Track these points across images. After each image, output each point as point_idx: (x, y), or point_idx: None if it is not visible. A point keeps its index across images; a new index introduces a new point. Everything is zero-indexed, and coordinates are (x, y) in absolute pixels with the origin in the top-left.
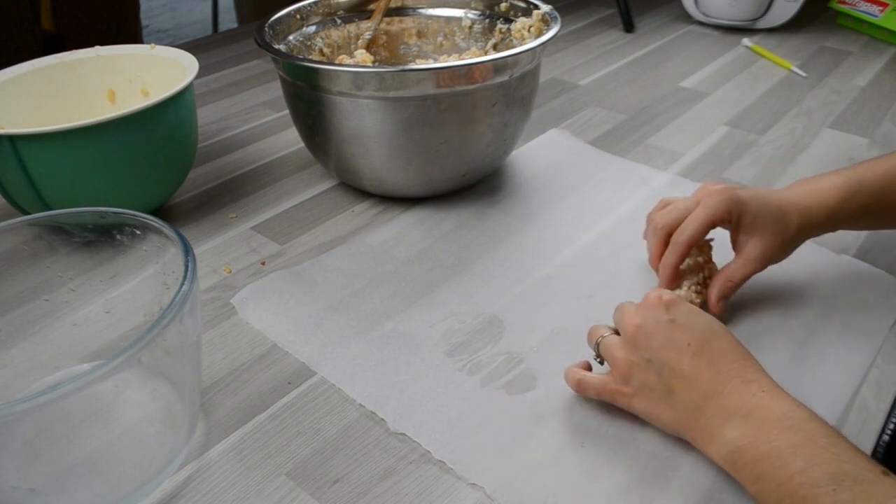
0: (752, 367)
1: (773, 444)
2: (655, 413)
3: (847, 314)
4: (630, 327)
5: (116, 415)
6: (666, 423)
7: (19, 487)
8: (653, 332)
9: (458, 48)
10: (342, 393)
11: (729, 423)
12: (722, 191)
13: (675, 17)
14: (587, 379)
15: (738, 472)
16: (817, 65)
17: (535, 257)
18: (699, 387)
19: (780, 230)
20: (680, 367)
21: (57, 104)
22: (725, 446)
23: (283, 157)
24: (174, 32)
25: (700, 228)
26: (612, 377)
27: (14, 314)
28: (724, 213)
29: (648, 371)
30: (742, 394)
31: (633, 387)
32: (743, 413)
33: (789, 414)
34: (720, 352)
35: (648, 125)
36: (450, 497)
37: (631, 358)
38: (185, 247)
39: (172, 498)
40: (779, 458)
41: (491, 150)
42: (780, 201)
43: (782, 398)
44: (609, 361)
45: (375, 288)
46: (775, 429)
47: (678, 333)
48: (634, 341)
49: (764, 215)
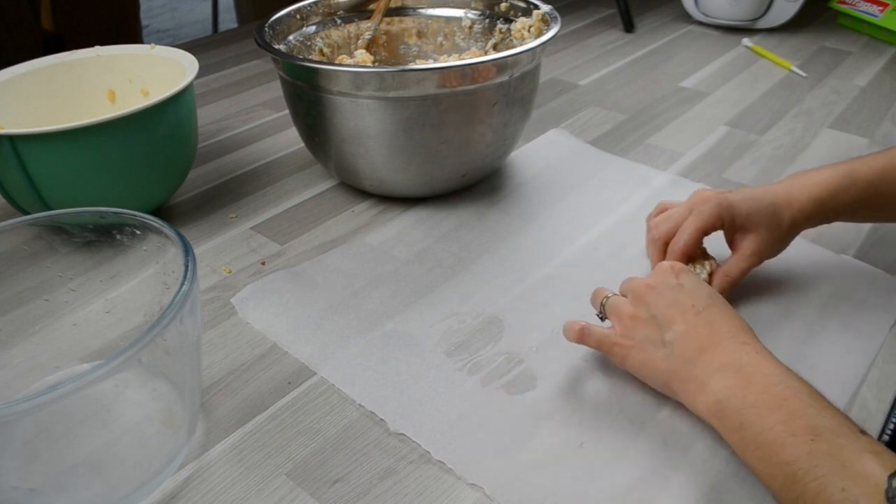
0: (747, 332)
1: (759, 396)
2: (650, 364)
3: (847, 314)
4: (641, 286)
5: (116, 415)
6: (658, 375)
7: (19, 487)
8: (661, 293)
9: (458, 48)
10: (342, 393)
11: (719, 375)
12: (713, 197)
13: (675, 17)
14: (590, 328)
15: (722, 420)
16: (817, 65)
17: (535, 257)
18: (695, 342)
19: (773, 225)
20: (680, 324)
21: (57, 104)
22: (713, 395)
23: (283, 157)
24: (174, 32)
25: (693, 237)
26: (614, 331)
27: (14, 314)
28: (715, 220)
29: (651, 325)
30: (735, 351)
31: (634, 339)
32: (734, 368)
33: (777, 372)
34: (720, 316)
35: (648, 125)
36: (450, 497)
37: (637, 313)
38: (185, 247)
39: (172, 498)
40: (763, 408)
41: (491, 150)
42: (771, 197)
43: (772, 361)
44: (613, 316)
45: (375, 288)
46: (762, 383)
47: (684, 296)
48: (643, 298)
49: (756, 213)
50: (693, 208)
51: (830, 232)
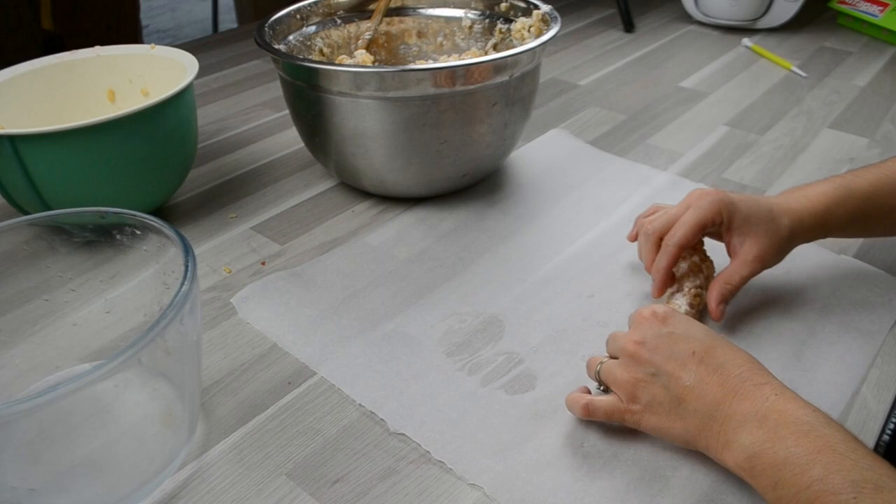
0: (760, 371)
1: (791, 449)
2: (667, 426)
3: (847, 314)
4: (630, 345)
5: (116, 415)
6: (678, 436)
7: (19, 487)
8: (654, 347)
9: (458, 48)
10: (342, 393)
11: (743, 428)
12: (712, 193)
13: (675, 17)
14: (595, 402)
15: (756, 478)
16: (817, 65)
17: (535, 257)
18: (709, 394)
19: (772, 231)
20: (687, 377)
21: (57, 104)
22: (741, 452)
23: (283, 157)
24: (174, 32)
25: (691, 230)
26: (618, 399)
27: (14, 314)
28: (714, 215)
29: (655, 385)
30: (754, 398)
31: (642, 403)
32: (758, 418)
33: (805, 419)
34: (725, 357)
35: (648, 125)
36: (450, 497)
37: (635, 375)
38: (185, 247)
39: (172, 498)
40: (797, 464)
41: (491, 150)
42: (769, 204)
43: (796, 401)
44: (612, 384)
45: (375, 288)
46: (792, 434)
47: (680, 344)
48: (636, 357)
49: (755, 216)
50: (691, 204)
51: None
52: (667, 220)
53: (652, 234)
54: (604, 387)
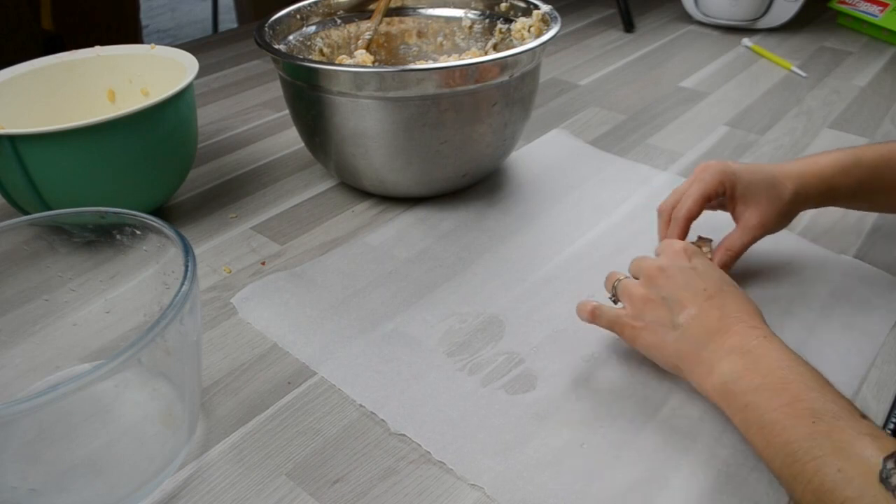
0: (757, 317)
1: (766, 379)
2: (660, 346)
3: (847, 314)
4: (652, 268)
5: (116, 415)
6: (668, 356)
7: (20, 487)
8: (673, 275)
9: (458, 48)
10: (342, 393)
11: (727, 358)
12: (715, 164)
13: (675, 17)
14: (602, 308)
15: (728, 400)
16: (817, 65)
17: (535, 257)
18: (706, 325)
19: (774, 197)
20: (692, 307)
21: (57, 104)
22: (720, 377)
23: (283, 157)
24: (174, 32)
25: (696, 202)
26: (625, 312)
27: (14, 314)
28: (717, 185)
29: (662, 308)
30: (744, 335)
31: (645, 321)
32: (742, 351)
33: (785, 357)
34: (731, 300)
35: (648, 125)
36: (450, 497)
37: (648, 295)
38: (185, 247)
39: (172, 498)
40: (768, 390)
41: (491, 150)
42: (773, 171)
43: (780, 346)
44: (625, 298)
45: (375, 288)
46: (769, 367)
47: (696, 279)
48: (654, 280)
49: (756, 183)
50: (696, 177)
51: (830, 232)
52: (675, 197)
53: (663, 213)
54: (615, 299)
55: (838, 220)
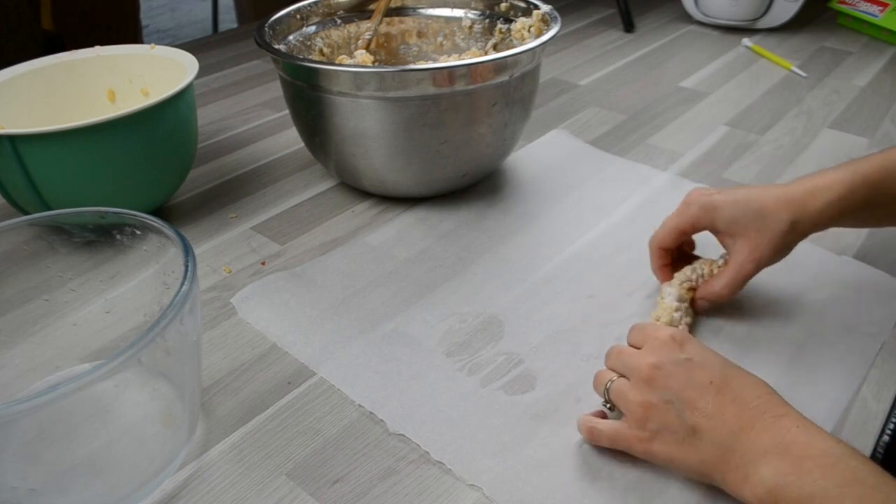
0: (779, 402)
1: (818, 482)
2: (679, 457)
3: (847, 314)
4: (645, 367)
5: (116, 415)
6: (691, 467)
7: (20, 487)
8: (671, 373)
9: (458, 48)
10: (342, 393)
11: (764, 461)
12: (696, 199)
13: (675, 17)
14: (598, 426)
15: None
16: (817, 65)
17: (535, 257)
18: (726, 425)
19: (764, 228)
20: (703, 406)
21: (57, 104)
22: (762, 485)
23: (283, 157)
24: (174, 32)
25: (669, 233)
26: (627, 423)
27: (14, 314)
28: (692, 220)
29: (669, 412)
30: (775, 429)
31: (651, 430)
32: (779, 450)
33: (830, 451)
34: (742, 387)
35: (648, 125)
36: (449, 497)
37: (649, 400)
38: (185, 247)
39: (172, 498)
40: (826, 498)
41: (491, 150)
42: (764, 201)
43: (819, 434)
44: (622, 406)
45: (375, 288)
46: (817, 467)
47: (697, 371)
48: (651, 382)
49: (741, 217)
50: (678, 208)
51: (830, 232)
52: (660, 225)
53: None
54: (611, 405)
55: None
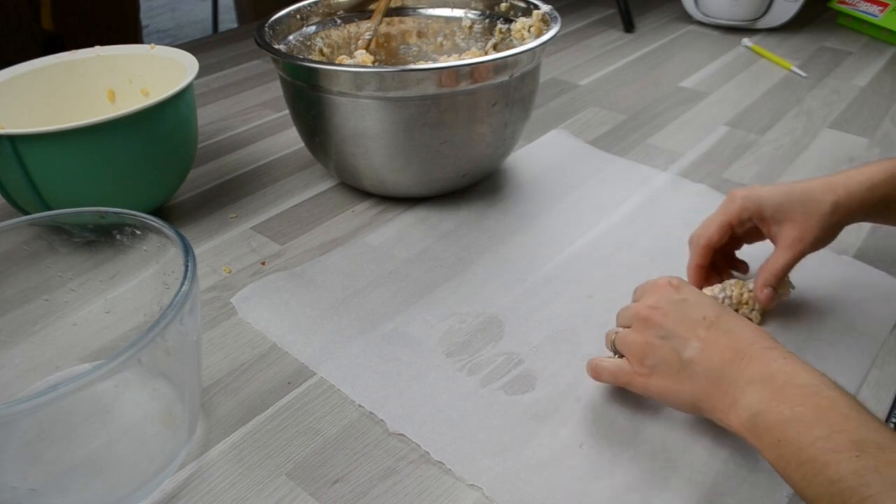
0: (768, 337)
1: (796, 409)
2: (674, 388)
3: (847, 314)
4: (643, 310)
5: (116, 415)
6: (685, 399)
7: (19, 487)
8: (667, 311)
9: (458, 48)
10: (342, 393)
11: (750, 388)
12: (740, 191)
13: (675, 17)
14: (602, 363)
15: (758, 436)
16: (817, 65)
17: (535, 257)
18: (717, 356)
19: (810, 211)
20: (697, 340)
21: (57, 104)
22: (746, 410)
23: (283, 157)
24: (174, 32)
25: (717, 229)
26: (628, 362)
27: (14, 314)
28: (740, 210)
29: (664, 348)
30: (763, 359)
31: (649, 366)
32: (764, 378)
33: (812, 381)
34: (734, 324)
35: (648, 125)
36: (449, 497)
37: (646, 339)
38: (185, 247)
39: (172, 498)
40: (801, 423)
41: (491, 150)
42: (807, 185)
43: (804, 366)
44: (624, 349)
45: (375, 288)
46: (798, 395)
47: (692, 309)
48: (648, 322)
49: (786, 202)
50: (721, 205)
51: None
52: (703, 224)
53: (692, 242)
54: (619, 355)
55: None
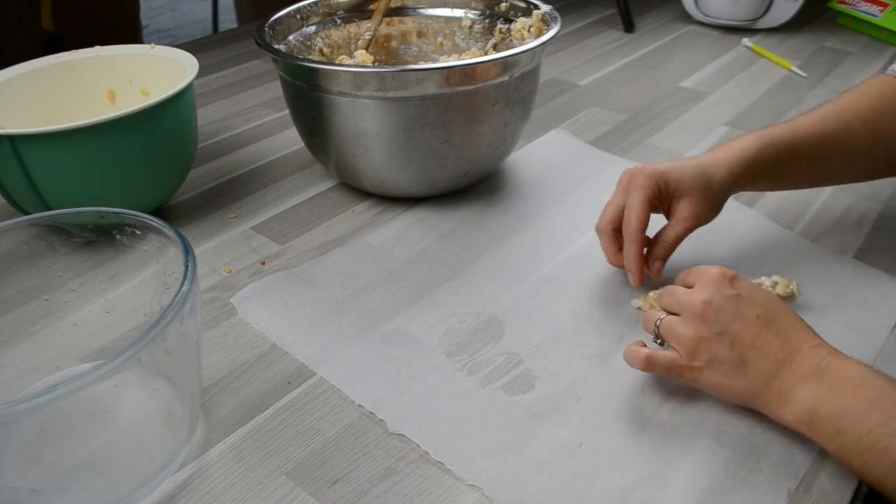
0: (813, 333)
1: (851, 401)
2: (727, 384)
3: (847, 314)
4: (697, 303)
5: (116, 415)
6: (737, 393)
7: (20, 487)
8: (721, 307)
9: (458, 48)
10: (342, 393)
11: (803, 385)
12: (641, 170)
13: (675, 17)
14: (656, 355)
15: (816, 430)
16: (817, 65)
17: (535, 257)
18: (771, 355)
19: (704, 187)
20: (751, 339)
21: (57, 104)
22: (801, 406)
23: (283, 157)
24: (174, 32)
25: (643, 211)
26: (678, 355)
27: (14, 314)
28: (654, 188)
29: (719, 344)
30: (812, 357)
31: (703, 361)
32: (816, 375)
33: (860, 373)
34: (785, 322)
35: (648, 125)
36: (449, 497)
37: (700, 333)
38: (185, 247)
39: (172, 498)
40: (857, 413)
41: (491, 150)
42: (698, 162)
43: (849, 359)
44: (673, 340)
45: (375, 288)
46: (849, 388)
47: (745, 306)
48: (703, 316)
49: (687, 177)
50: (628, 188)
51: (830, 232)
52: (613, 210)
53: (604, 228)
54: (661, 341)
55: (838, 220)
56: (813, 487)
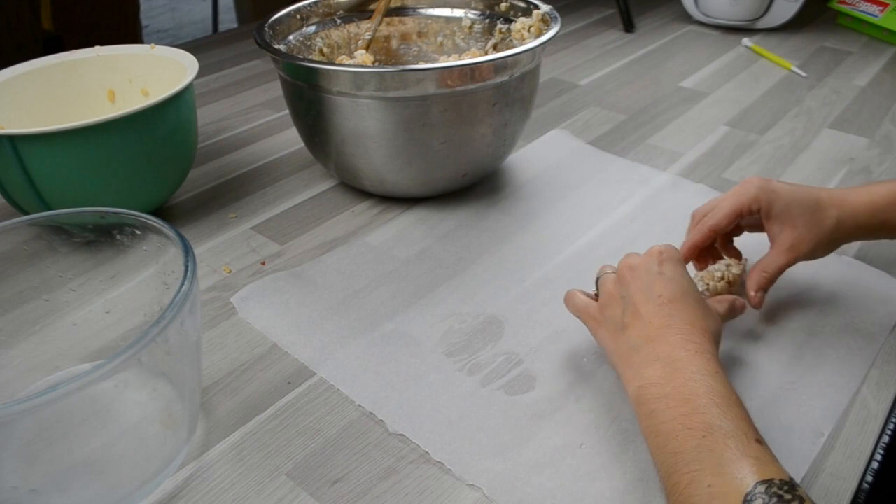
0: (704, 335)
1: (676, 389)
2: (608, 344)
3: (847, 314)
4: (624, 267)
5: (116, 415)
6: (609, 353)
7: (20, 487)
8: (638, 276)
9: (458, 48)
10: (342, 393)
11: (653, 365)
12: (756, 181)
13: (675, 17)
14: (576, 296)
15: (639, 405)
16: (817, 65)
17: (535, 257)
18: (646, 331)
19: (813, 221)
20: (643, 310)
21: (57, 104)
22: (639, 382)
23: (283, 157)
24: (174, 32)
25: (726, 215)
26: (594, 304)
27: (14, 314)
28: (751, 201)
29: (619, 306)
30: (676, 345)
31: (604, 316)
32: (668, 360)
33: (705, 371)
34: (685, 312)
35: (648, 125)
36: (449, 497)
37: (614, 292)
38: (185, 247)
39: (172, 498)
40: (673, 400)
41: (491, 150)
42: (818, 194)
43: (708, 362)
44: (601, 291)
45: (375, 288)
46: (684, 378)
47: (658, 284)
48: (622, 279)
49: (796, 206)
50: (737, 189)
51: None
52: (711, 204)
53: (695, 217)
54: (596, 291)
55: None
56: (813, 487)
